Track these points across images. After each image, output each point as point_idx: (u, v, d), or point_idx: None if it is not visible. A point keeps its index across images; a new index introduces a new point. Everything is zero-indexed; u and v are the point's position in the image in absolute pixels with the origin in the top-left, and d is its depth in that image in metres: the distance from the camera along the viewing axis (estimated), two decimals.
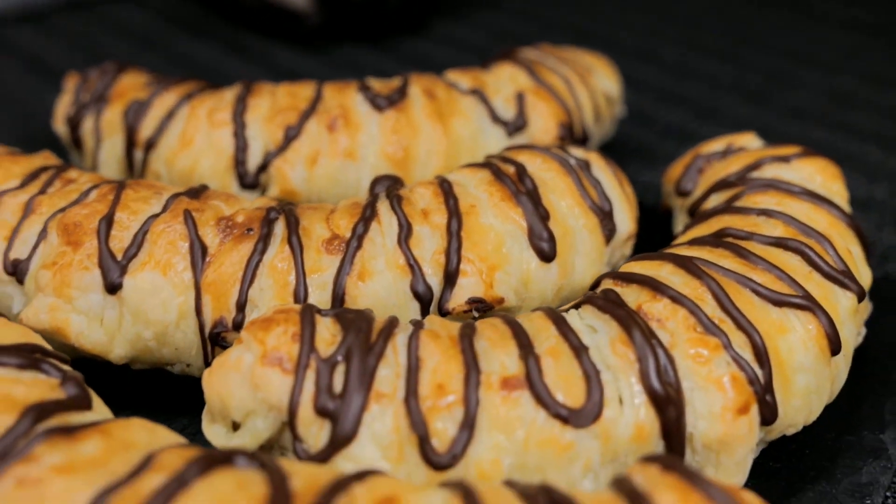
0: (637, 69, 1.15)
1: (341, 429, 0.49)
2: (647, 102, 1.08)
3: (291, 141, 0.74)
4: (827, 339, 0.56)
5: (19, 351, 0.51)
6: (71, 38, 1.23)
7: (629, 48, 1.23)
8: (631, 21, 1.33)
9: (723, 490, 0.43)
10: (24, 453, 0.44)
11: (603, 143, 0.92)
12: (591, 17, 1.34)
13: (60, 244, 0.61)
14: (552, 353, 0.52)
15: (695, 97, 1.09)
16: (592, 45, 1.08)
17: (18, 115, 1.02)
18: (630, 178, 0.87)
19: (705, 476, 0.44)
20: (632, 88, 1.09)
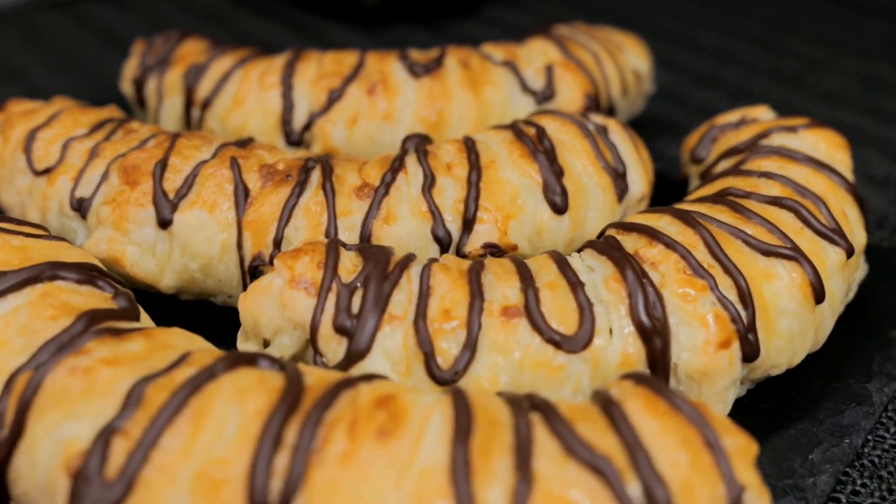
0: (676, 53, 1.20)
1: (356, 344, 0.55)
2: (683, 83, 1.12)
3: (334, 103, 0.81)
4: (811, 288, 0.61)
5: (79, 268, 0.58)
6: (143, 14, 1.31)
7: (671, 33, 1.27)
8: (674, 8, 1.37)
9: (689, 402, 0.48)
10: (76, 347, 0.51)
11: (632, 117, 0.96)
12: (636, 3, 1.38)
13: (120, 184, 0.68)
14: (550, 287, 0.58)
15: (729, 80, 1.13)
16: (635, 30, 1.12)
17: (93, 79, 1.10)
18: (658, 152, 0.93)
19: (673, 391, 0.49)
20: (668, 70, 1.14)
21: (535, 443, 0.45)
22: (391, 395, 0.48)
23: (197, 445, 0.45)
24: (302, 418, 0.46)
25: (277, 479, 0.44)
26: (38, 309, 0.54)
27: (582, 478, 0.44)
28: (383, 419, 0.46)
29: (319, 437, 0.45)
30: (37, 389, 0.49)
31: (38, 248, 0.59)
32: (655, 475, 0.44)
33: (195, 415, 0.46)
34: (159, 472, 0.45)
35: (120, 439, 0.46)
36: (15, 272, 0.55)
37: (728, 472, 0.45)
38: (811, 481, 0.59)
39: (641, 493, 0.44)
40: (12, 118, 0.77)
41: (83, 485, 0.45)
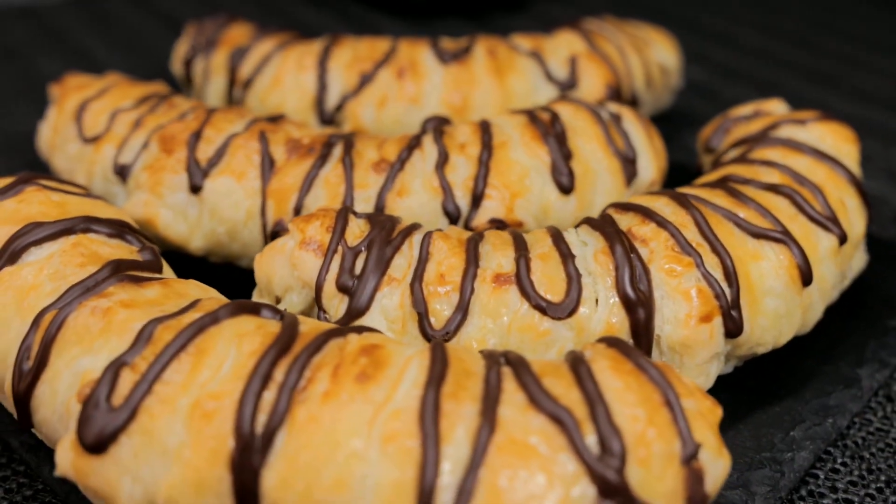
0: (712, 49, 1.22)
1: (356, 303, 0.60)
2: (716, 79, 1.14)
3: (365, 85, 0.85)
4: (798, 270, 0.63)
5: (111, 223, 0.63)
6: (205, 1, 1.38)
7: (709, 30, 1.29)
8: (714, 5, 1.39)
9: (655, 365, 0.51)
10: (99, 290, 0.56)
11: (660, 110, 0.99)
12: (681, 2, 1.40)
13: (158, 152, 0.73)
14: (542, 257, 0.61)
15: (763, 77, 1.15)
16: (676, 27, 1.15)
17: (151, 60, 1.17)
18: (683, 144, 0.95)
19: (642, 353, 0.52)
20: (703, 66, 1.16)
21: (503, 392, 0.49)
22: (376, 345, 0.52)
23: (196, 380, 0.50)
24: (291, 360, 0.50)
25: (263, 414, 0.48)
26: (69, 257, 0.59)
27: (543, 426, 0.47)
28: (365, 364, 0.50)
29: (305, 377, 0.49)
30: (60, 326, 0.54)
31: (76, 204, 0.64)
32: (612, 427, 0.47)
33: (197, 353, 0.51)
34: (160, 401, 0.49)
35: (128, 372, 0.50)
36: (52, 223, 0.61)
37: (685, 430, 0.48)
38: (789, 456, 0.61)
39: (597, 443, 0.47)
40: (68, 90, 0.83)
41: (91, 409, 0.50)
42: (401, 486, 0.46)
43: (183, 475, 0.48)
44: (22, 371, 0.54)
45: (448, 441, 0.46)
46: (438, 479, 0.46)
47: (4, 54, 1.19)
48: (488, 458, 0.46)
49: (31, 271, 0.58)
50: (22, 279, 0.58)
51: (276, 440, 0.48)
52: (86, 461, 0.50)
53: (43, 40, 1.24)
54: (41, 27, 1.28)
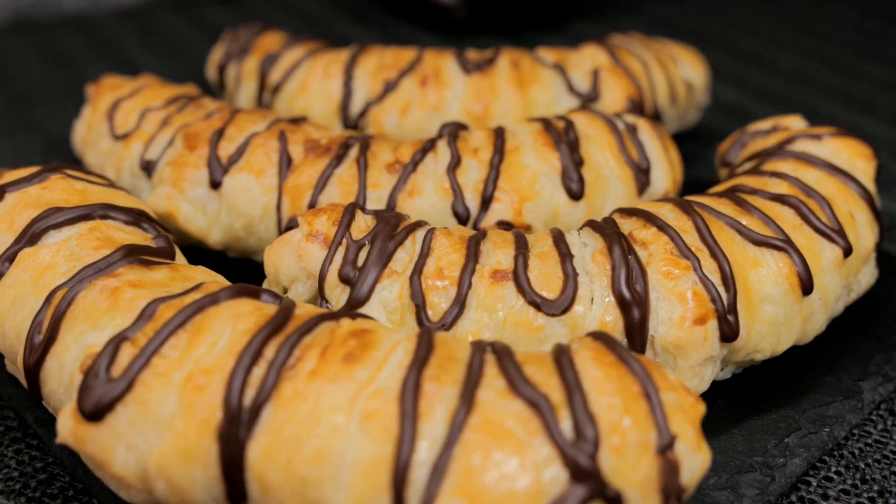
0: (749, 72, 1.22)
1: (357, 293, 0.61)
2: (751, 101, 1.15)
3: (388, 92, 0.88)
4: (798, 278, 0.64)
5: (128, 211, 0.66)
6: (250, 15, 1.42)
7: (747, 52, 1.29)
8: (754, 28, 1.39)
9: (638, 359, 0.52)
10: (109, 271, 0.58)
11: (686, 127, 1.00)
12: (721, 24, 1.41)
13: (182, 148, 0.76)
14: (540, 256, 0.63)
15: (799, 100, 1.15)
16: (714, 49, 1.16)
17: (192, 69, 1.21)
18: (708, 161, 0.96)
19: (626, 347, 0.53)
20: (738, 87, 1.17)
21: (483, 377, 0.50)
22: (367, 329, 0.53)
23: (191, 355, 0.52)
24: (282, 339, 0.52)
25: (252, 389, 0.50)
26: (85, 240, 0.62)
27: (519, 410, 0.48)
28: (353, 346, 0.51)
29: (295, 355, 0.51)
30: (70, 303, 0.57)
31: (97, 193, 0.67)
32: (587, 414, 0.48)
33: (194, 330, 0.53)
34: (156, 374, 0.51)
35: (128, 345, 0.53)
36: (71, 209, 0.64)
37: (661, 421, 0.49)
38: (781, 461, 0.61)
39: (572, 429, 0.48)
40: (103, 90, 0.86)
41: (91, 379, 0.52)
42: (377, 461, 0.47)
43: (173, 444, 0.50)
44: (33, 344, 0.57)
45: (426, 420, 0.48)
46: (414, 456, 0.47)
47: (58, 61, 1.24)
48: (464, 438, 0.47)
49: (49, 252, 0.61)
50: (39, 259, 0.61)
51: (263, 414, 0.49)
52: (84, 429, 0.52)
53: (94, 49, 1.28)
54: (93, 36, 1.33)
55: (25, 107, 1.11)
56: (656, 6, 1.49)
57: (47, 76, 1.18)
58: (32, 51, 1.27)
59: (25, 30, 1.34)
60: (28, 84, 1.17)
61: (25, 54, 1.26)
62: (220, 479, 0.50)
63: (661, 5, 1.49)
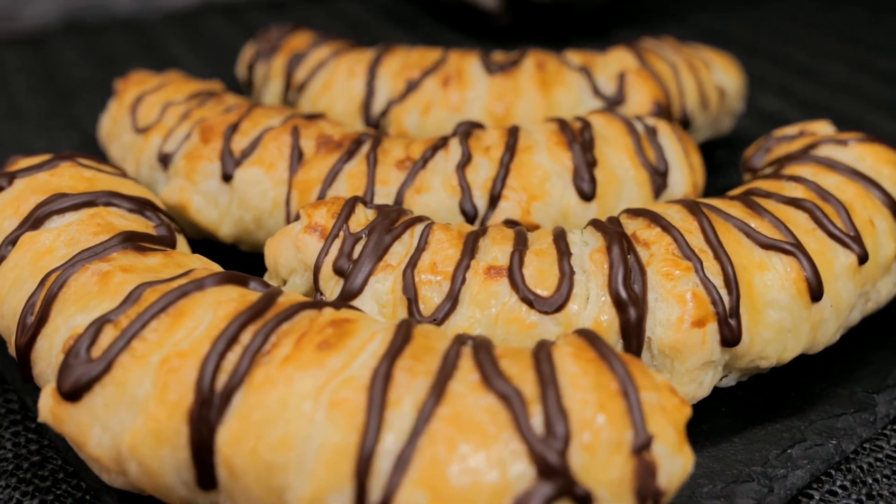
0: (795, 82, 1.19)
1: (350, 285, 0.61)
2: (794, 110, 1.12)
3: (410, 92, 0.87)
4: (806, 283, 0.61)
5: (132, 199, 0.66)
6: (295, 20, 1.43)
7: (795, 63, 1.26)
8: (803, 39, 1.36)
9: (620, 357, 0.50)
10: (103, 255, 0.59)
11: (720, 134, 0.98)
12: (769, 35, 1.38)
13: (197, 141, 0.76)
14: (538, 253, 0.61)
15: (844, 111, 1.12)
16: (759, 59, 1.14)
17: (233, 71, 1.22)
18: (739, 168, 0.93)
19: (609, 345, 0.51)
20: (783, 97, 1.14)
21: (457, 369, 0.49)
22: (347, 319, 0.53)
23: (170, 339, 0.52)
24: (260, 325, 0.52)
25: (225, 373, 0.50)
26: (86, 226, 0.62)
27: (490, 404, 0.47)
28: (330, 334, 0.51)
29: (271, 342, 0.51)
30: (62, 286, 0.57)
31: (104, 181, 0.68)
32: (559, 410, 0.47)
33: (176, 314, 0.53)
34: (134, 356, 0.51)
35: (110, 328, 0.53)
36: (76, 195, 0.64)
37: (638, 420, 0.47)
38: (782, 472, 0.59)
39: (543, 424, 0.47)
40: (129, 84, 0.88)
41: (72, 359, 0.52)
42: (341, 449, 0.46)
43: (145, 425, 0.50)
44: (25, 325, 0.57)
45: (394, 410, 0.47)
46: (378, 446, 0.46)
47: (104, 62, 1.27)
48: (430, 430, 0.46)
49: (50, 237, 0.62)
50: (40, 243, 0.61)
51: (235, 399, 0.49)
52: (62, 408, 0.52)
53: (140, 51, 1.31)
54: (140, 39, 1.35)
55: (68, 104, 1.13)
56: (704, 15, 1.46)
57: (92, 76, 1.21)
58: (80, 51, 1.30)
59: (75, 31, 1.37)
60: (72, 82, 1.19)
61: (73, 54, 1.29)
62: (189, 463, 0.50)
63: (708, 14, 1.47)
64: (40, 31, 1.35)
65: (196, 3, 1.49)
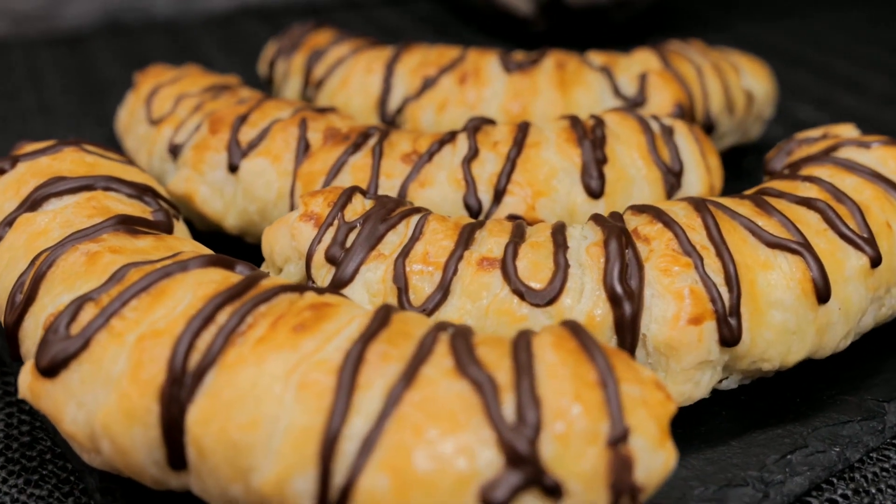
0: (838, 94, 1.16)
1: (341, 273, 0.60)
2: (830, 120, 1.08)
3: (427, 89, 0.86)
4: (812, 284, 0.59)
5: (132, 185, 0.66)
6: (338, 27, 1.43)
7: (838, 74, 1.23)
8: (848, 51, 1.33)
9: (602, 347, 0.49)
10: (94, 236, 0.59)
11: (748, 140, 0.95)
12: (810, 44, 1.35)
13: (206, 132, 0.76)
14: (533, 245, 0.60)
15: (883, 121, 1.08)
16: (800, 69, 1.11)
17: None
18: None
19: (592, 336, 0.50)
20: (823, 108, 1.12)
21: (432, 354, 0.48)
22: (328, 303, 0.52)
23: (148, 318, 0.51)
24: (238, 305, 0.51)
25: (198, 352, 0.49)
26: (81, 209, 0.62)
27: (462, 390, 0.46)
28: (307, 317, 0.50)
29: (247, 322, 0.50)
30: (51, 265, 0.57)
31: (106, 166, 0.68)
32: (532, 398, 0.45)
33: (157, 294, 0.52)
34: (112, 334, 0.51)
35: (90, 305, 0.53)
36: (75, 178, 0.65)
37: (616, 413, 0.46)
38: (779, 478, 0.56)
39: (514, 412, 0.45)
40: (147, 77, 0.88)
41: (51, 335, 0.52)
42: (308, 431, 0.45)
43: (117, 403, 0.49)
44: (13, 304, 0.57)
45: (363, 393, 0.46)
46: (345, 429, 0.45)
47: (140, 64, 1.28)
48: (399, 414, 0.45)
49: (45, 219, 0.62)
50: (35, 225, 0.61)
51: (206, 378, 0.48)
52: (40, 384, 0.52)
53: (176, 53, 1.32)
54: (178, 41, 1.37)
55: (98, 102, 1.14)
56: (746, 24, 1.44)
57: (125, 76, 1.22)
58: (116, 52, 1.31)
59: (114, 32, 1.39)
60: (105, 82, 1.21)
61: (109, 54, 1.30)
62: (160, 442, 0.49)
63: (750, 23, 1.44)
64: (79, 31, 1.38)
65: (233, 7, 1.50)
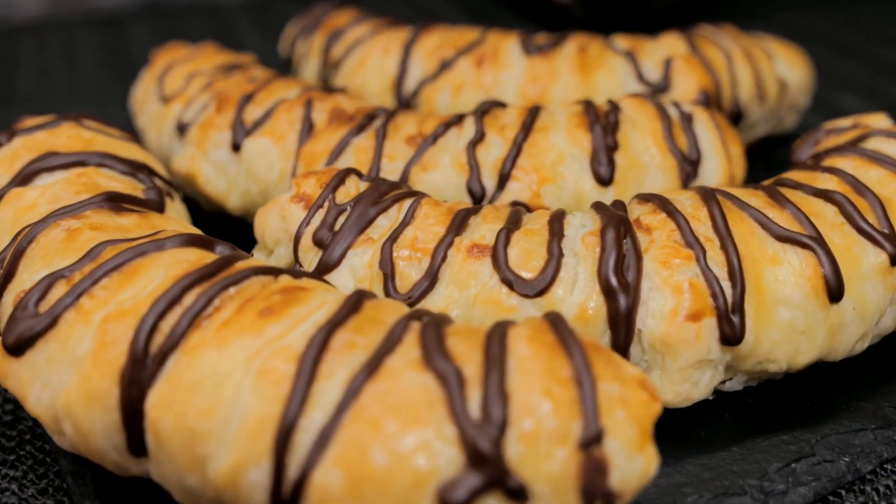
0: (882, 83, 1.11)
1: (327, 256, 0.58)
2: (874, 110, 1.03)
3: (443, 71, 0.84)
4: (824, 281, 0.55)
5: (126, 162, 0.65)
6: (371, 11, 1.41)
7: (885, 64, 1.18)
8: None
9: (582, 342, 0.46)
10: (76, 212, 0.57)
11: (781, 130, 0.91)
12: (859, 34, 1.29)
13: (212, 110, 0.75)
14: (527, 233, 0.57)
15: None
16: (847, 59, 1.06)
17: None
18: None
19: (572, 330, 0.47)
20: (863, 97, 1.07)
21: (400, 344, 0.46)
22: (301, 287, 0.50)
23: (118, 297, 0.50)
24: (207, 287, 0.49)
25: (162, 335, 0.47)
26: (71, 185, 0.61)
27: (427, 382, 0.43)
28: (276, 301, 0.48)
29: (214, 305, 0.48)
30: (31, 241, 0.56)
31: (103, 143, 0.67)
32: (499, 393, 0.43)
33: (130, 273, 0.51)
34: (80, 313, 0.49)
35: (62, 283, 0.51)
36: (68, 154, 0.64)
37: (590, 412, 0.43)
38: (781, 488, 0.53)
39: (480, 408, 0.43)
40: (162, 54, 0.87)
41: (19, 312, 0.51)
42: (264, 421, 0.43)
43: (79, 385, 0.48)
44: None
45: (323, 383, 0.44)
46: (301, 419, 0.43)
47: None
48: (358, 406, 0.43)
49: (34, 194, 0.61)
50: (24, 200, 0.60)
51: (168, 361, 0.47)
52: (6, 362, 0.51)
53: (213, 35, 1.31)
54: (216, 23, 1.36)
55: (129, 82, 1.13)
56: (793, 12, 1.38)
57: None
58: (153, 33, 1.31)
59: (153, 13, 1.38)
60: (140, 62, 1.20)
61: (145, 36, 1.30)
62: (120, 427, 0.47)
63: (796, 11, 1.39)
64: (118, 12, 1.38)
65: None
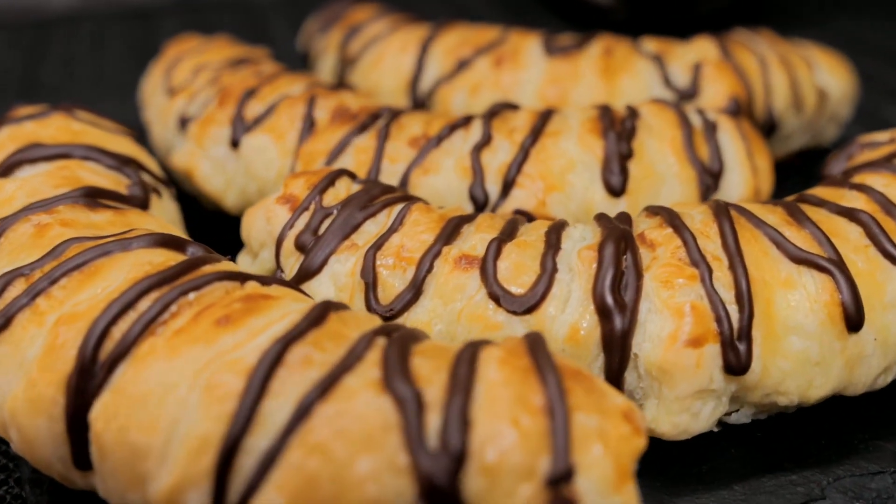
0: None
1: (308, 262, 0.55)
2: None
3: (460, 71, 0.80)
4: (841, 308, 0.51)
5: (113, 156, 0.62)
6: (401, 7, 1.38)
7: None
8: None
9: (559, 367, 0.42)
10: (49, 207, 0.55)
11: (821, 142, 0.86)
12: None
13: (214, 105, 0.72)
14: (520, 245, 0.53)
15: None
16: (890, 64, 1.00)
17: None
18: None
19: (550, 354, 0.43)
20: None
21: (360, 362, 0.42)
22: (267, 295, 0.47)
23: (74, 299, 0.47)
24: (165, 291, 0.46)
25: (112, 341, 0.44)
26: (50, 178, 0.58)
27: (381, 404, 0.40)
28: (235, 309, 0.45)
29: (170, 311, 0.45)
30: (0, 235, 0.53)
31: (93, 135, 0.64)
32: (460, 420, 0.39)
33: (91, 273, 0.48)
34: (34, 314, 0.47)
35: (20, 281, 0.49)
36: (53, 146, 0.61)
37: (560, 446, 0.39)
38: None
39: (438, 436, 0.39)
40: (174, 46, 0.85)
41: None
42: (206, 440, 0.40)
43: (24, 391, 0.45)
44: None
45: (273, 401, 0.41)
46: (245, 440, 0.40)
47: None
48: (307, 429, 0.40)
49: (13, 186, 0.58)
50: (3, 192, 0.58)
51: (117, 370, 0.44)
52: None
53: (242, 31, 1.28)
54: (248, 20, 1.34)
55: None
56: (846, 20, 1.32)
57: None
58: (183, 28, 1.29)
59: (185, 8, 1.37)
60: None
61: (175, 30, 1.28)
62: (65, 438, 0.45)
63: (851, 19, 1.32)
64: (150, 6, 1.36)
65: None
